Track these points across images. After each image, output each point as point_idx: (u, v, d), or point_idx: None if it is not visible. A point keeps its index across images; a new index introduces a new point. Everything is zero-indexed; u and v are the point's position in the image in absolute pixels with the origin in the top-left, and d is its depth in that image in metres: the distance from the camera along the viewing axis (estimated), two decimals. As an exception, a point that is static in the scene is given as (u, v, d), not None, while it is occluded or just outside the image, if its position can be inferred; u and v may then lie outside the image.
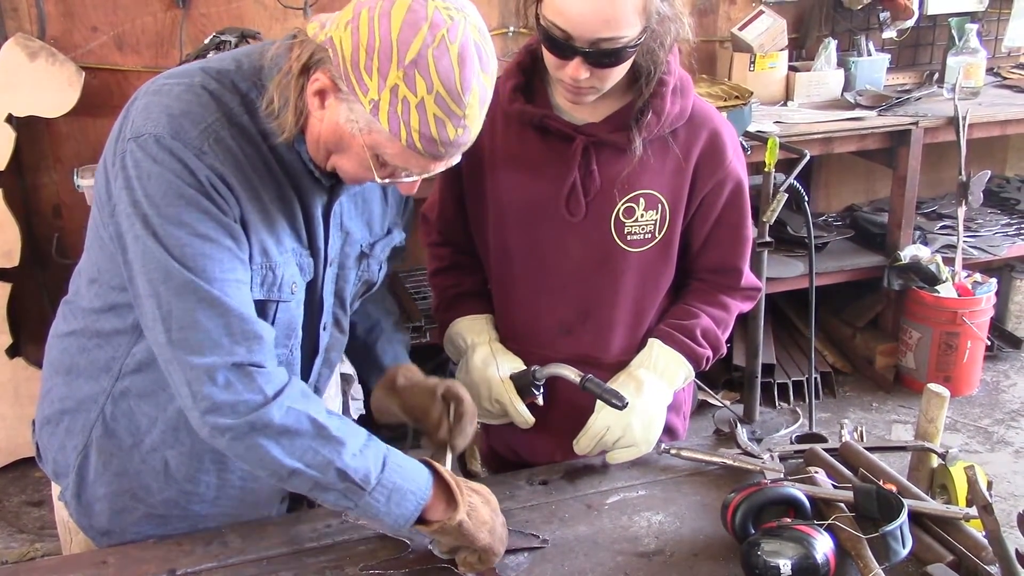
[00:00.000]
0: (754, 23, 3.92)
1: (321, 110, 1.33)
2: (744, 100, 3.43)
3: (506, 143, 1.71)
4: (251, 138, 1.37)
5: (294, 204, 1.44)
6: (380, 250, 1.63)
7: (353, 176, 1.40)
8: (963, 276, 3.95)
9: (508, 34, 3.85)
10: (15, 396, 3.37)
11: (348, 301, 1.62)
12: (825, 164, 4.42)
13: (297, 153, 1.41)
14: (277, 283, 1.42)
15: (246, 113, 1.37)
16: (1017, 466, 3.51)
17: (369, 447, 1.39)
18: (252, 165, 1.37)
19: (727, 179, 1.71)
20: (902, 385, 4.07)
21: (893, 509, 1.43)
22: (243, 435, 1.33)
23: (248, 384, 1.33)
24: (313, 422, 1.35)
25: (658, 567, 1.48)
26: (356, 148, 1.33)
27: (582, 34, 1.48)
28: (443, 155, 1.32)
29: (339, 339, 1.64)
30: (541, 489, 1.69)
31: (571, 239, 1.70)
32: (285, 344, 1.49)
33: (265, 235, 1.39)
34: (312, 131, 1.37)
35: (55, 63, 3.15)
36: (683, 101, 1.66)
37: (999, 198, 4.57)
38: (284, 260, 1.42)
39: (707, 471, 1.72)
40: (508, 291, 1.79)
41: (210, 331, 1.31)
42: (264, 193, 1.39)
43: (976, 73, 4.06)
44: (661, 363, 1.74)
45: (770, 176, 3.14)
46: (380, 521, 1.41)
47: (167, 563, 1.48)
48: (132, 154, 1.31)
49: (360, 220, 1.58)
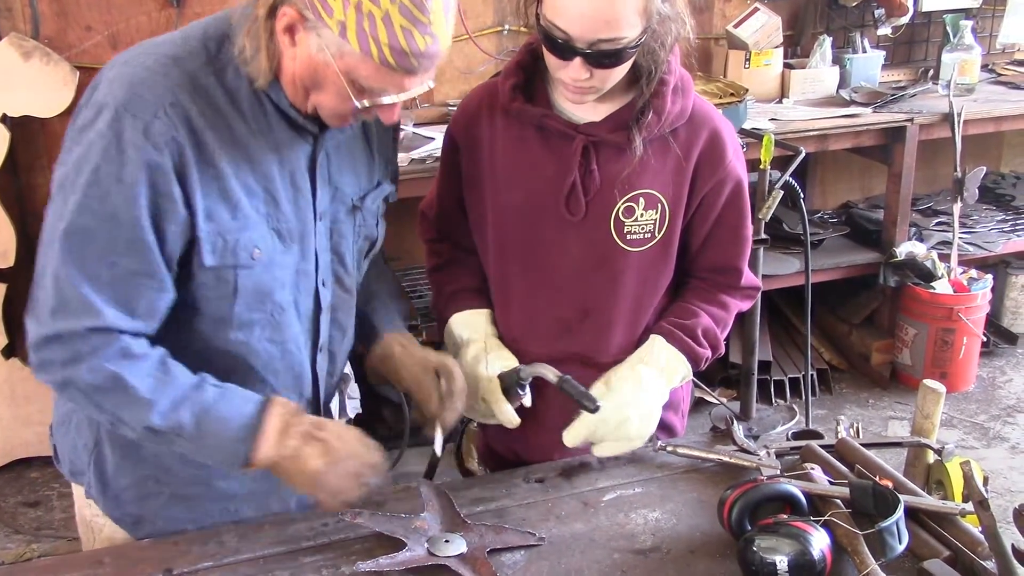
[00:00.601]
0: (749, 20, 3.92)
1: (293, 47, 1.35)
2: (739, 97, 3.44)
3: (506, 142, 1.71)
4: (214, 102, 1.39)
5: (269, 166, 1.45)
6: (372, 202, 1.63)
7: (333, 110, 1.41)
8: (959, 272, 3.96)
9: (503, 32, 3.85)
10: (11, 397, 3.37)
11: (351, 259, 1.62)
12: (820, 161, 4.42)
13: (275, 105, 1.43)
14: (230, 249, 1.42)
15: (213, 74, 1.40)
16: (1013, 462, 3.52)
17: (185, 402, 1.40)
18: (213, 131, 1.38)
19: (727, 178, 1.71)
20: (898, 382, 4.07)
21: (889, 505, 1.44)
22: (62, 389, 1.42)
23: (65, 346, 1.37)
24: (119, 381, 1.38)
25: (655, 564, 1.48)
26: (331, 77, 1.34)
27: (582, 35, 1.48)
28: (416, 68, 1.33)
29: (344, 299, 1.64)
30: (537, 487, 1.69)
31: (571, 238, 1.70)
32: (260, 309, 1.49)
33: (216, 202, 1.40)
34: (287, 73, 1.39)
35: (49, 63, 3.14)
36: (683, 100, 1.66)
37: (994, 194, 4.57)
38: (240, 226, 1.43)
39: (704, 468, 1.72)
40: (507, 289, 1.79)
41: (49, 297, 1.37)
42: (221, 158, 1.40)
43: (971, 70, 4.06)
44: (662, 360, 1.74)
45: (766, 173, 3.14)
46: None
47: (163, 563, 1.48)
48: (86, 120, 1.36)
49: (348, 173, 1.58)
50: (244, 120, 1.42)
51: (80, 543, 1.72)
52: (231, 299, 1.46)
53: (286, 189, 1.48)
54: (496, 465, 1.97)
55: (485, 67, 3.82)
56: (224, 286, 1.45)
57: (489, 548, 1.48)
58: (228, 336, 1.49)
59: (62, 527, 3.16)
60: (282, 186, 1.47)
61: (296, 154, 1.48)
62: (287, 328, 1.54)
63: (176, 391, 1.41)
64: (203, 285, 1.44)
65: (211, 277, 1.44)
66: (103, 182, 1.33)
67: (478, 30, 3.81)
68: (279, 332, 1.53)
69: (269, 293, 1.50)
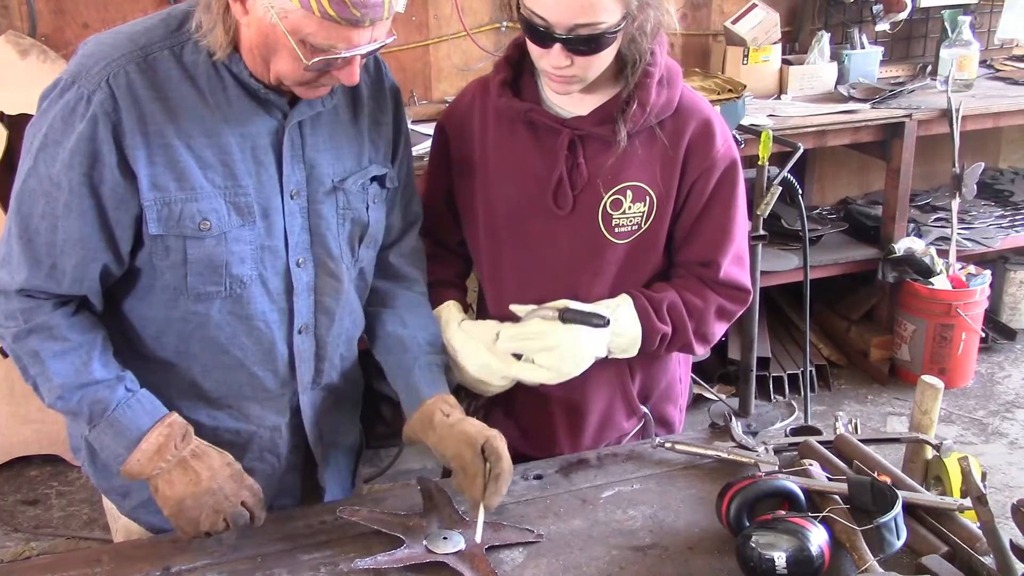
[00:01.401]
0: (747, 16, 3.92)
1: (246, 15, 1.37)
2: (737, 94, 3.43)
3: (496, 138, 1.72)
4: (165, 75, 1.42)
5: (226, 139, 1.46)
6: (354, 183, 1.59)
7: (292, 76, 1.41)
8: (957, 268, 3.96)
9: (501, 29, 3.84)
10: (10, 394, 3.36)
11: (336, 243, 1.59)
12: (819, 157, 4.42)
13: (235, 78, 1.45)
14: (175, 218, 1.44)
15: (168, 49, 1.44)
16: (1012, 457, 3.52)
17: (87, 398, 1.47)
18: (161, 102, 1.42)
19: (715, 167, 1.70)
20: (897, 377, 4.07)
21: (887, 501, 1.44)
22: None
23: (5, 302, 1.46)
24: (38, 359, 1.46)
25: (653, 561, 1.48)
26: (281, 39, 1.36)
27: (560, 20, 1.49)
28: (359, 19, 1.33)
29: (330, 283, 1.61)
30: (536, 484, 1.69)
31: (559, 232, 1.70)
32: (214, 282, 1.50)
33: (161, 171, 1.42)
34: (245, 43, 1.42)
35: (46, 61, 3.14)
36: (669, 92, 1.65)
37: (993, 190, 4.57)
38: (187, 197, 1.44)
39: (702, 464, 1.72)
40: (499, 284, 1.79)
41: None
42: (170, 130, 1.42)
43: (969, 65, 4.06)
44: (620, 324, 1.70)
45: (764, 170, 3.14)
46: None
47: (162, 561, 1.48)
48: (46, 90, 1.44)
49: (328, 153, 1.57)
50: (201, 93, 1.44)
51: (76, 542, 1.73)
52: (182, 269, 1.48)
53: (246, 163, 1.48)
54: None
55: (482, 64, 3.82)
56: (174, 255, 1.47)
57: (488, 545, 1.48)
58: (187, 307, 1.51)
59: (61, 525, 3.16)
60: (241, 159, 1.48)
61: (258, 128, 1.49)
62: (251, 304, 1.54)
63: (86, 387, 1.47)
64: (154, 254, 1.47)
65: (159, 246, 1.46)
66: (49, 148, 1.40)
67: (476, 27, 3.81)
68: (242, 307, 1.53)
69: (225, 266, 1.49)
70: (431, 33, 3.79)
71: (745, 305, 1.81)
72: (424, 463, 3.44)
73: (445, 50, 3.83)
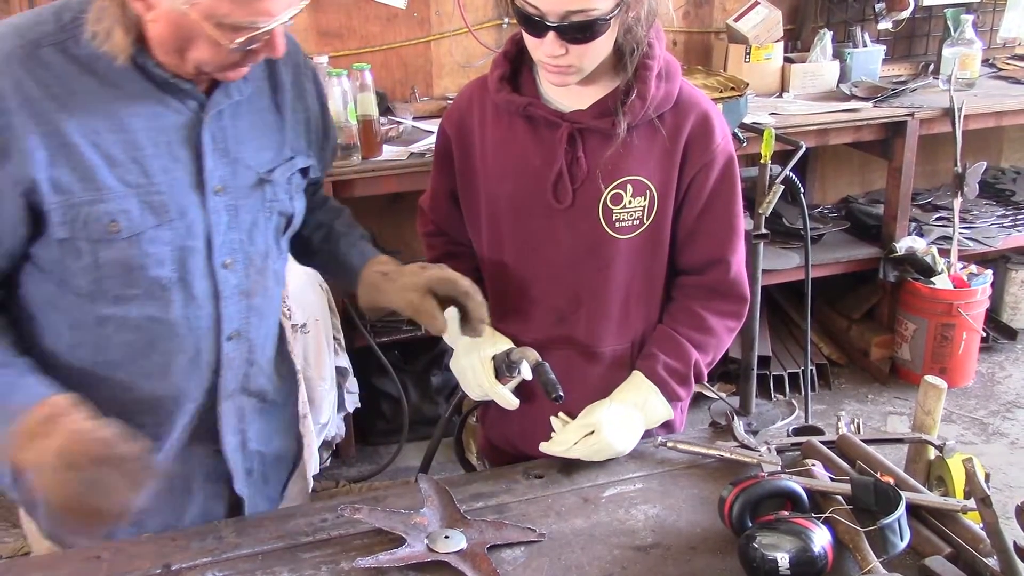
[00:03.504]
0: (749, 14, 3.91)
1: (150, 10, 1.31)
2: (740, 92, 3.42)
3: (495, 133, 1.71)
4: (58, 70, 1.34)
5: (136, 135, 1.39)
6: (281, 175, 1.55)
7: (214, 62, 1.36)
8: (959, 267, 3.95)
9: (503, 25, 3.84)
10: (8, 390, 3.35)
11: (264, 238, 1.55)
12: (821, 156, 4.41)
13: (142, 70, 1.37)
14: (81, 221, 1.37)
15: (60, 43, 1.34)
16: (1012, 457, 3.52)
17: None
18: (55, 100, 1.33)
19: (715, 160, 1.69)
20: (898, 377, 4.07)
21: (891, 502, 1.43)
22: None
23: None
24: None
25: (655, 561, 1.48)
26: (196, 27, 1.30)
27: (553, 8, 1.49)
28: None
29: (261, 284, 1.56)
30: (537, 483, 1.68)
31: (560, 227, 1.70)
32: (135, 285, 1.43)
33: (63, 173, 1.35)
34: (153, 39, 1.35)
35: (47, 55, 3.12)
36: (668, 85, 1.65)
37: (994, 189, 4.57)
38: (93, 198, 1.37)
39: (704, 464, 1.72)
40: (502, 280, 1.78)
41: None
42: (71, 128, 1.34)
43: (972, 64, 4.05)
44: (650, 408, 1.74)
45: (766, 168, 3.13)
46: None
47: (161, 558, 1.47)
48: None
49: (252, 145, 1.51)
50: (104, 86, 1.37)
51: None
52: (95, 273, 1.41)
53: (159, 158, 1.41)
54: (496, 459, 1.97)
55: (484, 61, 3.81)
56: (84, 258, 1.40)
57: (489, 544, 1.48)
58: (102, 310, 1.44)
59: (60, 521, 3.15)
60: (154, 155, 1.41)
61: (171, 121, 1.42)
62: (172, 308, 1.47)
63: None
64: (64, 257, 1.40)
65: (68, 249, 1.39)
66: None
67: (477, 23, 3.80)
68: (164, 310, 1.46)
69: (141, 269, 1.42)
70: (432, 29, 3.79)
71: (743, 319, 1.82)
72: (424, 460, 3.43)
73: (447, 46, 3.82)
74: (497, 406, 1.83)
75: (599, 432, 1.67)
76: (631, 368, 1.78)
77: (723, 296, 1.78)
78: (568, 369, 1.75)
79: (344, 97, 3.12)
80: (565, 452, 1.68)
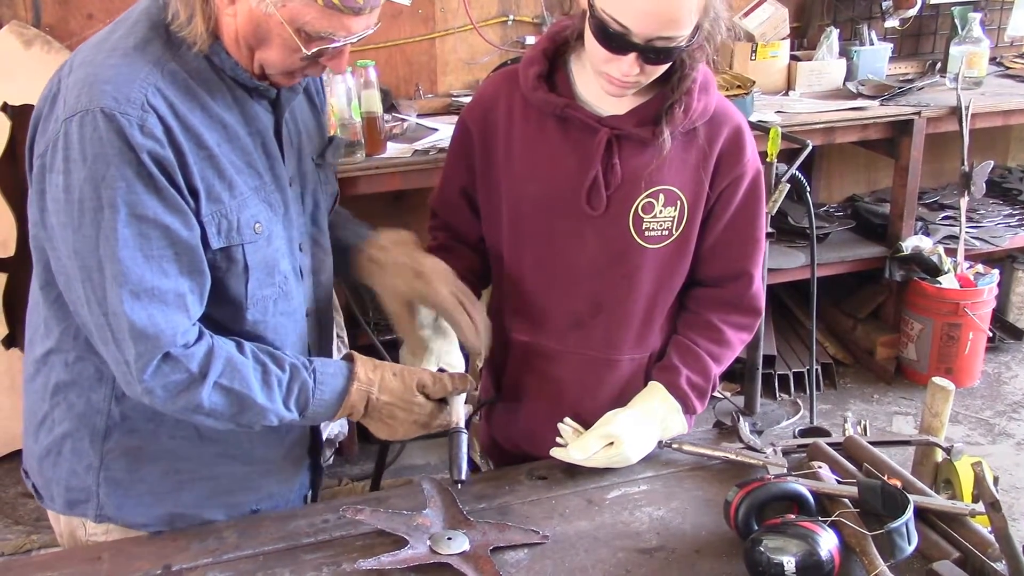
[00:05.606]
0: (756, 12, 3.89)
1: (232, 5, 1.33)
2: (746, 90, 3.41)
3: (524, 132, 1.68)
4: (185, 83, 1.35)
5: (246, 140, 1.43)
6: (332, 155, 1.64)
7: (281, 65, 1.38)
8: (965, 267, 3.94)
9: (508, 22, 3.82)
10: (12, 387, 3.36)
11: (322, 217, 1.63)
12: (827, 154, 4.40)
13: (226, 73, 1.38)
14: (235, 228, 1.41)
15: (175, 57, 1.35)
16: (1019, 458, 3.50)
17: (292, 396, 1.45)
18: (193, 114, 1.35)
19: (744, 175, 1.69)
20: (903, 377, 4.06)
21: (898, 505, 1.42)
22: (178, 412, 1.41)
23: (174, 367, 1.36)
24: (236, 397, 1.40)
25: (659, 564, 1.46)
26: (276, 29, 1.32)
27: (642, 31, 1.45)
28: (362, 7, 1.32)
29: (323, 260, 1.64)
30: (541, 484, 1.67)
31: (588, 232, 1.67)
32: (270, 283, 1.49)
33: (214, 183, 1.38)
34: (229, 34, 1.36)
35: (50, 51, 3.12)
36: (707, 98, 1.64)
37: (1001, 188, 4.55)
38: (239, 204, 1.41)
39: (709, 466, 1.71)
40: (519, 282, 1.76)
41: (135, 322, 1.32)
42: (209, 139, 1.37)
43: (979, 63, 4.03)
44: (669, 423, 1.73)
45: (772, 166, 3.11)
46: None
47: (162, 558, 1.46)
48: (68, 136, 1.28)
49: (306, 134, 1.59)
50: (212, 96, 1.39)
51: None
52: (244, 277, 1.44)
53: (261, 159, 1.46)
54: (499, 458, 1.96)
55: (489, 58, 3.80)
56: (235, 266, 1.43)
57: (492, 546, 1.47)
58: (246, 317, 1.48)
59: (62, 518, 3.15)
60: (258, 156, 1.46)
61: (263, 122, 1.47)
62: (294, 297, 1.55)
63: (280, 388, 1.45)
64: (216, 269, 1.42)
65: (222, 258, 1.42)
66: (132, 190, 1.29)
67: (482, 20, 3.79)
68: (288, 303, 1.54)
69: (276, 265, 1.49)
70: (437, 26, 3.77)
71: (755, 332, 1.82)
72: (427, 459, 3.43)
73: (451, 44, 3.81)
74: (502, 405, 1.82)
75: (619, 445, 1.65)
76: (646, 377, 1.77)
77: (741, 309, 1.77)
78: (582, 376, 1.73)
79: (348, 94, 3.11)
80: (584, 461, 1.65)
